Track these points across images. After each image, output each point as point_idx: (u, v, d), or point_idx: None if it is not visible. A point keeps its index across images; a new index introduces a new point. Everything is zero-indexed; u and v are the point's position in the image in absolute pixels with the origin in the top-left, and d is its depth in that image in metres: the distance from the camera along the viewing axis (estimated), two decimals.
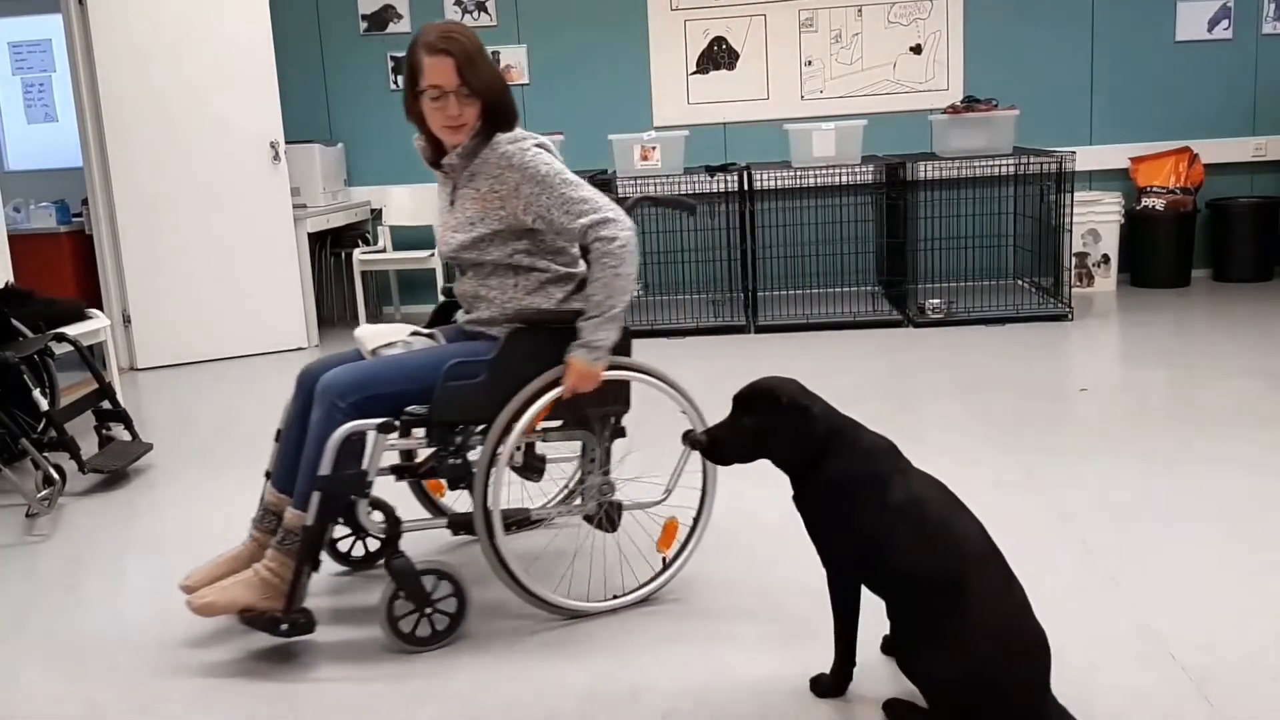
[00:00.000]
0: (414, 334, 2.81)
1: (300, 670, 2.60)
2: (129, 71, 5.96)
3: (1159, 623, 2.56)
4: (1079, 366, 5.02)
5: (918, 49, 6.88)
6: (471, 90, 2.63)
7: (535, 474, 3.02)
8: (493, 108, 2.68)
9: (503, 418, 2.64)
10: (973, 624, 2.03)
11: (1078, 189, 6.25)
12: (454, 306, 3.01)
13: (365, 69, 7.21)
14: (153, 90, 6.00)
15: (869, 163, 6.22)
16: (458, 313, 2.96)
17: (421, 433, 2.73)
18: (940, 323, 6.03)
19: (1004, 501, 3.37)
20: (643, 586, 2.84)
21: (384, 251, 7.04)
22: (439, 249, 2.82)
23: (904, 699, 2.24)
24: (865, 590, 2.25)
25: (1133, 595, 2.71)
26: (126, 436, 4.34)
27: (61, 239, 6.83)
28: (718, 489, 2.94)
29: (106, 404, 4.33)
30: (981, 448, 3.89)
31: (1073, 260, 6.35)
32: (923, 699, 2.16)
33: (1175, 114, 6.82)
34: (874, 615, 2.28)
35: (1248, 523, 3.12)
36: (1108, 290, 6.71)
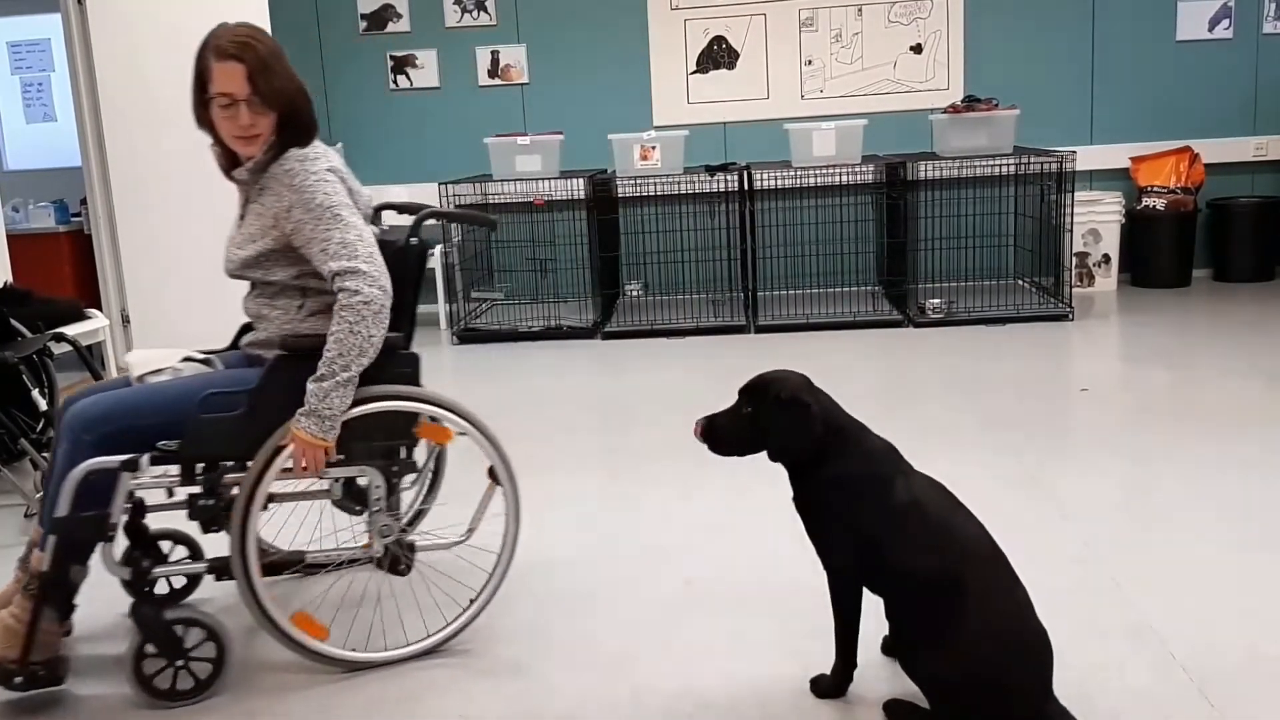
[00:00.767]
0: (186, 359, 2.61)
1: None
2: (128, 71, 5.95)
3: (1159, 623, 2.56)
4: (1079, 367, 5.01)
5: (918, 48, 6.87)
6: (264, 100, 2.45)
7: (359, 507, 2.65)
8: (288, 119, 2.50)
9: (262, 454, 2.40)
10: (974, 624, 2.03)
11: (1078, 189, 6.25)
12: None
13: (364, 69, 7.21)
14: (151, 89, 5.99)
15: (869, 162, 6.22)
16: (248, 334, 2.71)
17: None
18: (941, 323, 6.02)
19: (1004, 501, 3.37)
20: (433, 635, 2.62)
21: None
22: (225, 266, 2.62)
23: (904, 700, 2.23)
24: (866, 591, 2.25)
25: (1133, 595, 2.70)
26: None
27: (60, 239, 6.83)
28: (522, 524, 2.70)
29: None
30: (982, 448, 3.89)
31: (1073, 260, 6.34)
32: (924, 700, 2.15)
33: (1176, 114, 6.81)
34: (874, 616, 2.27)
35: (1248, 523, 3.11)
36: (1108, 290, 6.70)
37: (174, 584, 2.96)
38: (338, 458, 2.47)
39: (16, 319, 4.43)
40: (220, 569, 2.52)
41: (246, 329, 2.72)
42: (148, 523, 2.70)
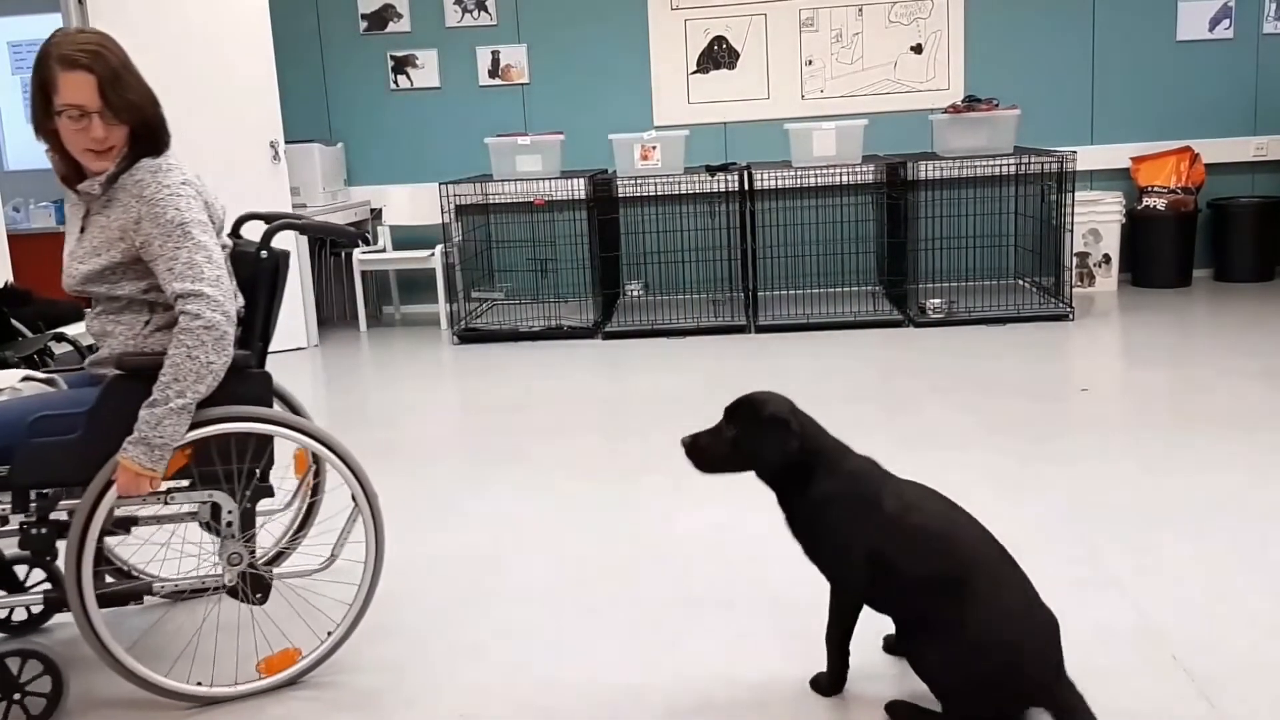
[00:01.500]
0: (26, 379, 2.49)
1: None
2: None
3: (1161, 623, 2.56)
4: (1080, 367, 5.01)
5: (918, 48, 6.87)
6: (116, 112, 2.35)
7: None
8: (140, 130, 2.41)
9: (98, 481, 2.27)
10: (984, 614, 2.04)
11: (1079, 189, 6.24)
12: None
13: (365, 69, 7.21)
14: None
15: (869, 162, 6.22)
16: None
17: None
18: (941, 323, 6.02)
19: (1005, 502, 3.37)
20: (288, 668, 2.51)
21: (384, 251, 7.04)
22: (64, 280, 2.46)
23: (906, 700, 2.23)
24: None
25: (1134, 595, 2.70)
26: None
27: (61, 239, 6.82)
28: (388, 551, 2.57)
29: None
30: (982, 448, 3.89)
31: (1074, 260, 6.34)
32: (926, 700, 2.15)
33: (1176, 113, 6.81)
34: (873, 616, 2.27)
35: (1249, 523, 3.11)
36: (1109, 290, 6.70)
37: (32, 610, 2.82)
38: (184, 483, 2.38)
39: (17, 319, 4.43)
40: (59, 601, 2.38)
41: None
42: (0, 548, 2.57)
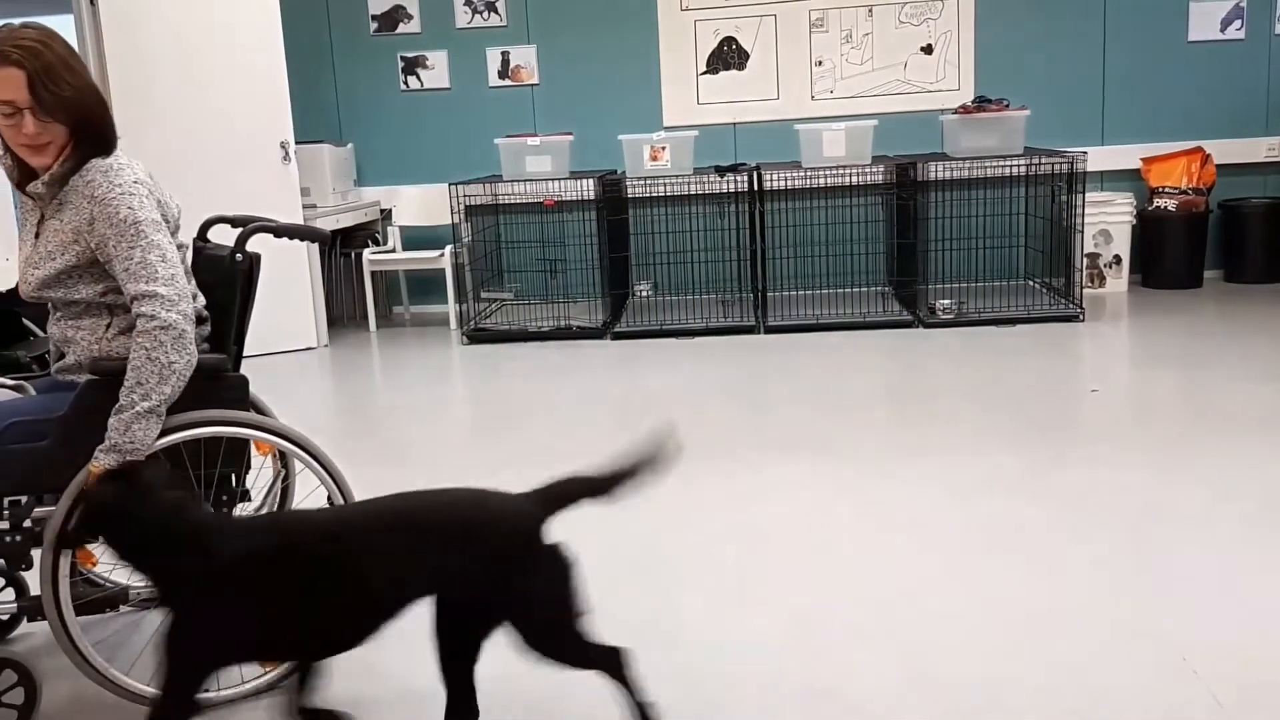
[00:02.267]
0: None
1: None
2: (140, 71, 5.98)
3: (1171, 625, 2.55)
4: (1090, 367, 5.00)
5: (929, 49, 6.86)
6: (47, 109, 2.27)
7: None
8: (80, 129, 2.34)
9: (73, 488, 2.24)
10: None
11: (1089, 189, 6.22)
12: None
13: (375, 69, 7.22)
14: (163, 90, 6.01)
15: (879, 163, 6.21)
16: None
17: None
18: (951, 323, 6.01)
19: (1014, 502, 3.36)
20: (267, 673, 2.47)
21: (393, 252, 7.05)
22: (21, 288, 2.40)
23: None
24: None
25: (1144, 597, 2.70)
26: None
27: None
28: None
29: None
30: (992, 448, 3.88)
31: (1084, 261, 6.32)
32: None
33: (1187, 114, 6.79)
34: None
35: (1260, 525, 3.10)
36: (1119, 291, 6.69)
37: None
38: None
39: (28, 319, 4.45)
40: (32, 609, 2.34)
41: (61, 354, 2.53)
42: None
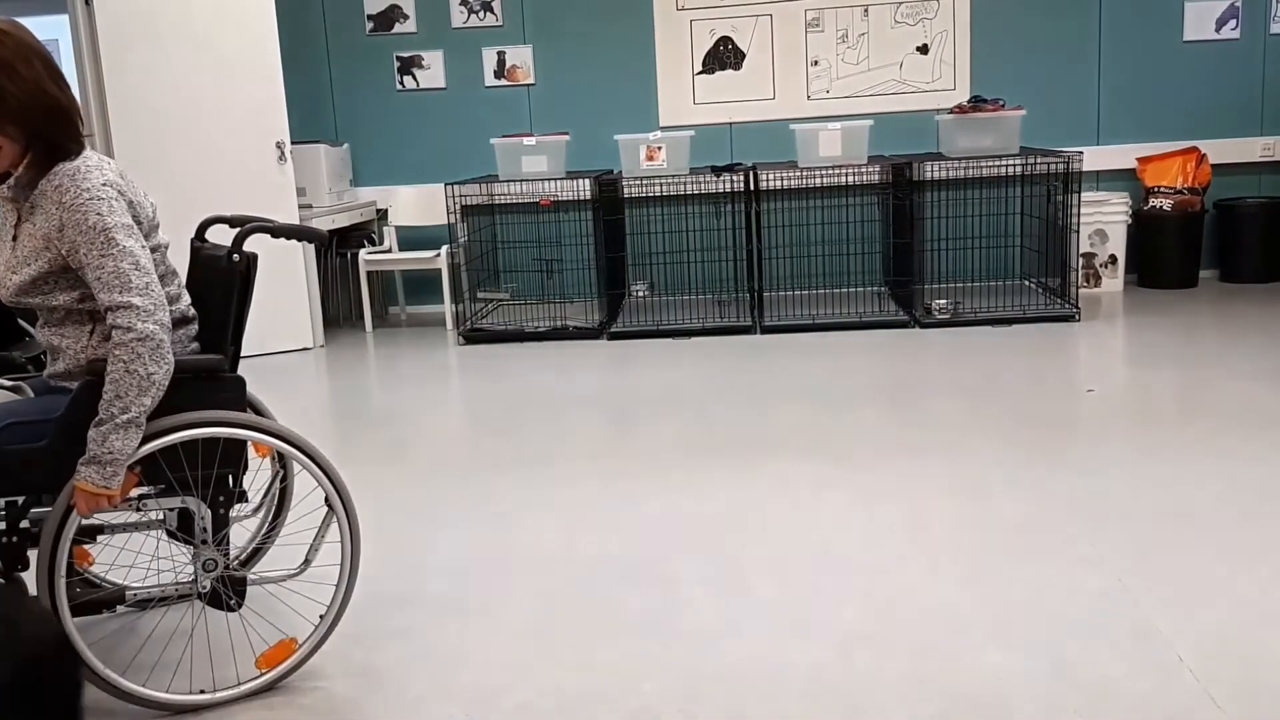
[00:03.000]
0: None
1: None
2: (135, 71, 5.97)
3: (1166, 625, 2.55)
4: (1086, 367, 5.00)
5: (924, 49, 6.87)
6: None
7: (191, 538, 2.51)
8: (37, 133, 2.27)
9: (67, 491, 2.24)
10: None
11: (1085, 189, 6.23)
12: None
13: (371, 69, 7.21)
14: (159, 90, 6.00)
15: (875, 163, 6.21)
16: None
17: None
18: (947, 323, 6.02)
19: (1011, 502, 3.36)
20: (263, 675, 2.46)
21: (389, 252, 7.04)
22: (0, 293, 2.39)
23: None
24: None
25: (1140, 597, 2.70)
26: None
27: None
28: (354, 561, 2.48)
29: None
30: (988, 448, 3.88)
31: (1080, 261, 6.33)
32: None
33: (1183, 114, 6.80)
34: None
35: (1256, 525, 3.10)
36: (1115, 291, 6.69)
37: None
38: (157, 488, 2.37)
39: (23, 319, 4.44)
40: None
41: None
42: None
